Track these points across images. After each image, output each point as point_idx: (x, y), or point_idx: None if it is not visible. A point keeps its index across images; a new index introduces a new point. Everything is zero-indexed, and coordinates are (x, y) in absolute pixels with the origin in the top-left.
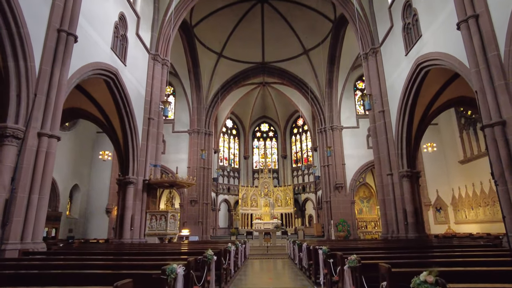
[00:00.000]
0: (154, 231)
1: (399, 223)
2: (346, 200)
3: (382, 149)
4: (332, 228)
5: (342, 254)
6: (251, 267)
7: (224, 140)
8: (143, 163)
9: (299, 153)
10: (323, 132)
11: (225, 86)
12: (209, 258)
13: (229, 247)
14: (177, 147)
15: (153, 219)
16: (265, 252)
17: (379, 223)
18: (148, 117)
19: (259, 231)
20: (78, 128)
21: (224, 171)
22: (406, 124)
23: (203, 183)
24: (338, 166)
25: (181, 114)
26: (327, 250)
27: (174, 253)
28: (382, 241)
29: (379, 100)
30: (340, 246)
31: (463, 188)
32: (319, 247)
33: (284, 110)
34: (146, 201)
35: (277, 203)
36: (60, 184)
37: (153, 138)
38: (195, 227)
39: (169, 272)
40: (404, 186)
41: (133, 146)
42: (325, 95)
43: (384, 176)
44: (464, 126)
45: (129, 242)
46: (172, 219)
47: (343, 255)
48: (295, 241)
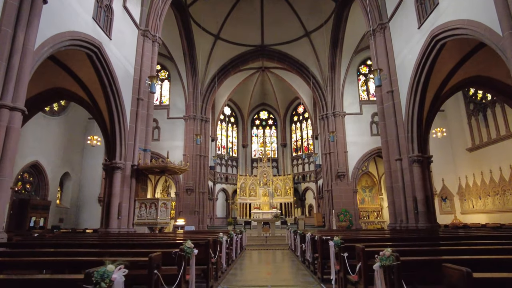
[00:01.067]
0: (143, 220)
1: (409, 212)
2: (348, 189)
3: (391, 133)
4: (334, 218)
5: (364, 247)
6: (247, 259)
7: (222, 128)
8: (131, 147)
9: (299, 141)
10: (325, 119)
11: (222, 70)
12: (187, 252)
13: (220, 237)
14: (172, 134)
15: (142, 207)
16: (263, 243)
17: (382, 213)
18: (137, 97)
19: (258, 220)
20: (69, 113)
21: (222, 160)
22: (417, 105)
23: (200, 171)
24: (340, 154)
25: (176, 99)
26: (339, 242)
27: (159, 245)
28: (394, 232)
29: (388, 80)
30: (350, 237)
31: (471, 176)
32: (328, 238)
33: (284, 97)
34: (135, 188)
35: (276, 192)
36: (49, 171)
37: (142, 120)
38: (191, 217)
39: (98, 278)
40: (415, 172)
41: (120, 129)
42: (328, 80)
43: (392, 161)
44: (473, 112)
45: (116, 232)
46: (163, 207)
47: (366, 249)
48: (296, 231)
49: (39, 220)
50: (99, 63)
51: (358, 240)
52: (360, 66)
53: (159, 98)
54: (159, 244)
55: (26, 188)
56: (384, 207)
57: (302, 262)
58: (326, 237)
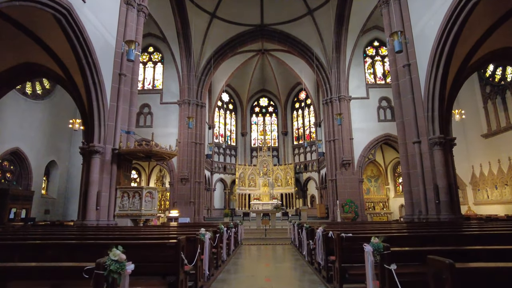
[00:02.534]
0: (125, 211)
1: (429, 202)
2: (353, 178)
3: (407, 112)
4: (338, 209)
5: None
6: (243, 257)
7: (220, 115)
8: (112, 129)
9: (301, 129)
10: (329, 104)
11: (219, 52)
12: (112, 271)
13: (201, 235)
14: (166, 120)
15: (124, 197)
16: (263, 236)
17: (388, 204)
18: (119, 72)
19: (257, 211)
20: (54, 97)
21: (220, 149)
22: (439, 80)
23: (195, 160)
24: (345, 141)
25: (170, 83)
26: (381, 247)
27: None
28: (413, 225)
29: (404, 52)
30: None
31: (486, 165)
32: (348, 235)
33: (285, 82)
34: (117, 175)
35: (276, 182)
36: (33, 160)
37: (125, 99)
38: (186, 208)
39: None
40: (436, 156)
41: (99, 107)
42: (332, 61)
43: (409, 144)
44: (489, 95)
45: (94, 225)
46: (149, 196)
47: (453, 265)
48: (301, 225)
49: (20, 211)
50: (71, 29)
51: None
52: (367, 47)
53: (152, 82)
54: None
55: (6, 177)
56: (391, 198)
57: (309, 263)
58: (347, 234)
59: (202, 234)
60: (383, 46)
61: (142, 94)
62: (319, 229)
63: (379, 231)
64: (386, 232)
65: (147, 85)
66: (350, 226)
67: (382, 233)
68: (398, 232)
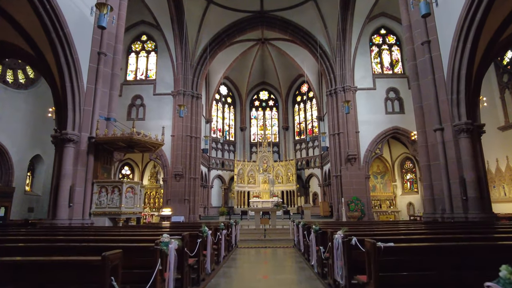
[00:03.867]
0: (103, 209)
1: (454, 199)
2: (359, 174)
3: (427, 95)
4: (343, 207)
5: None
6: (236, 266)
7: (218, 108)
8: (89, 114)
9: (302, 123)
10: (333, 95)
11: (216, 40)
12: None
13: (162, 245)
14: (159, 112)
15: (102, 193)
16: (262, 237)
17: (395, 202)
18: (98, 51)
19: (255, 210)
20: (39, 87)
21: (218, 144)
22: (467, 55)
23: (190, 154)
24: (351, 134)
25: (164, 73)
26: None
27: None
28: (436, 226)
29: (422, 27)
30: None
31: (503, 160)
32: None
33: (286, 74)
34: (93, 167)
35: (277, 179)
36: (14, 154)
37: (105, 81)
38: (180, 206)
39: None
40: (462, 145)
41: (73, 89)
42: (336, 50)
43: (429, 132)
44: (507, 84)
45: (66, 224)
46: (130, 192)
47: None
48: (308, 226)
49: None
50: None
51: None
52: (373, 35)
53: (145, 72)
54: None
55: None
56: (398, 196)
57: (319, 277)
58: (386, 244)
59: (165, 243)
60: (390, 34)
61: (134, 85)
62: (338, 234)
63: (401, 232)
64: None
65: (140, 76)
66: (368, 228)
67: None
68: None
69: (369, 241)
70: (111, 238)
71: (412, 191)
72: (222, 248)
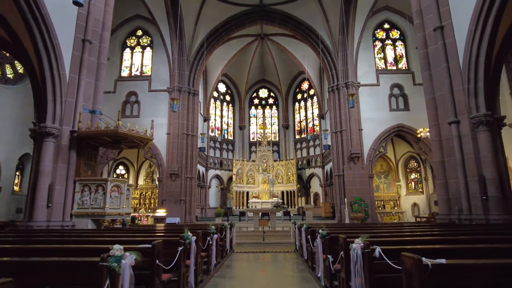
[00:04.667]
0: (86, 209)
1: (472, 198)
2: (363, 173)
3: (441, 85)
4: (346, 208)
5: None
6: (228, 276)
7: (216, 107)
8: (71, 106)
9: (303, 122)
10: (335, 91)
11: (213, 35)
12: None
13: (111, 260)
14: (154, 110)
15: (85, 192)
16: (260, 241)
17: (399, 202)
18: (83, 38)
19: (254, 211)
20: (29, 83)
21: (216, 143)
22: (487, 40)
23: (187, 153)
24: (354, 132)
25: (159, 69)
26: None
27: None
28: (453, 229)
29: (434, 12)
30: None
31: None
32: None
33: (286, 71)
34: (76, 164)
35: (277, 179)
36: (2, 152)
37: (90, 71)
38: (176, 207)
39: None
40: (481, 139)
41: (54, 78)
42: (339, 44)
43: (443, 125)
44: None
45: (43, 227)
46: (116, 191)
47: None
48: (312, 229)
49: None
50: None
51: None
52: (376, 30)
53: (140, 68)
54: None
55: None
56: (402, 196)
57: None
58: (436, 261)
59: (115, 258)
60: (394, 28)
61: (129, 81)
62: (357, 244)
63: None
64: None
65: (135, 72)
66: (384, 232)
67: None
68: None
69: (410, 257)
70: (48, 247)
71: (417, 191)
72: (213, 255)
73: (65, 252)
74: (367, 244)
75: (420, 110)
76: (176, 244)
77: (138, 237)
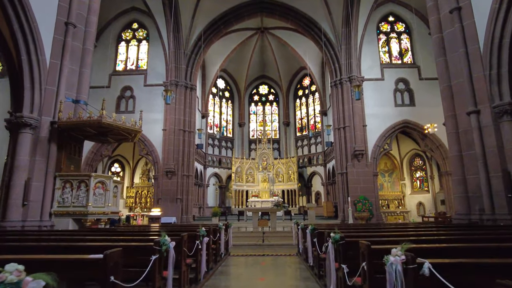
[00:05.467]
0: (67, 208)
1: (495, 196)
2: (367, 171)
3: (458, 72)
4: (350, 207)
5: None
6: (221, 286)
7: (215, 103)
8: (52, 95)
9: (304, 119)
10: (338, 85)
11: (211, 27)
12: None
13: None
14: (150, 105)
15: (66, 189)
16: (260, 242)
17: (404, 201)
18: (66, 21)
19: (253, 210)
20: None
21: (214, 140)
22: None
23: (183, 150)
24: (358, 128)
25: (155, 63)
26: None
27: None
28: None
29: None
30: None
31: None
32: None
33: (287, 67)
34: (56, 158)
35: (277, 178)
36: None
37: (74, 57)
38: (172, 206)
39: None
40: (505, 130)
41: (31, 64)
42: (342, 37)
43: (461, 116)
44: None
45: (18, 228)
46: (101, 188)
47: None
48: (318, 231)
49: None
50: None
51: None
52: (380, 23)
53: (135, 62)
54: None
55: None
56: (407, 195)
57: None
58: None
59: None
60: (398, 21)
61: (124, 76)
62: (395, 255)
63: None
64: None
65: (130, 66)
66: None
67: None
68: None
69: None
70: None
71: (422, 190)
72: (202, 261)
73: None
74: (410, 258)
75: (427, 105)
76: (147, 252)
77: (103, 242)
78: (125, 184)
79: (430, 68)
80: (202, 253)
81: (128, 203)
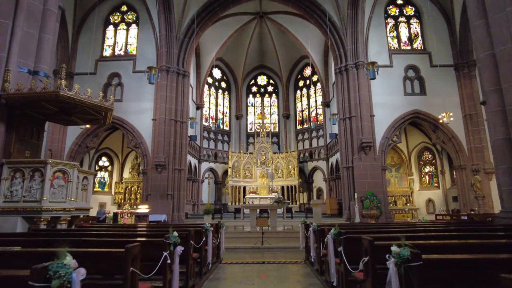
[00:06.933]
0: (15, 203)
1: None
2: (375, 165)
3: (503, 37)
4: (357, 204)
5: None
6: None
7: (211, 94)
8: (0, 63)
9: (305, 111)
10: (343, 72)
11: (206, 9)
12: None
13: None
14: (139, 93)
15: (16, 179)
16: (258, 244)
17: (412, 198)
18: None
19: (251, 207)
20: None
21: (210, 133)
22: None
23: (175, 142)
24: (365, 119)
25: (145, 47)
26: None
27: None
28: None
29: None
30: None
31: None
32: None
33: (287, 56)
34: (5, 140)
35: (277, 173)
36: None
37: (31, 19)
38: (162, 202)
39: None
40: None
41: None
42: (347, 20)
43: (508, 90)
44: None
45: None
46: (61, 179)
47: None
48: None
49: None
50: None
51: None
52: (388, 6)
53: (124, 47)
54: None
55: None
56: (415, 191)
57: None
58: None
59: None
60: (408, 5)
61: (112, 61)
62: None
63: None
64: None
65: (118, 51)
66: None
67: None
68: None
69: None
70: None
71: (431, 186)
72: (174, 281)
73: None
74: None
75: (438, 94)
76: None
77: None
78: (114, 179)
79: (442, 54)
80: (174, 270)
81: (117, 200)
